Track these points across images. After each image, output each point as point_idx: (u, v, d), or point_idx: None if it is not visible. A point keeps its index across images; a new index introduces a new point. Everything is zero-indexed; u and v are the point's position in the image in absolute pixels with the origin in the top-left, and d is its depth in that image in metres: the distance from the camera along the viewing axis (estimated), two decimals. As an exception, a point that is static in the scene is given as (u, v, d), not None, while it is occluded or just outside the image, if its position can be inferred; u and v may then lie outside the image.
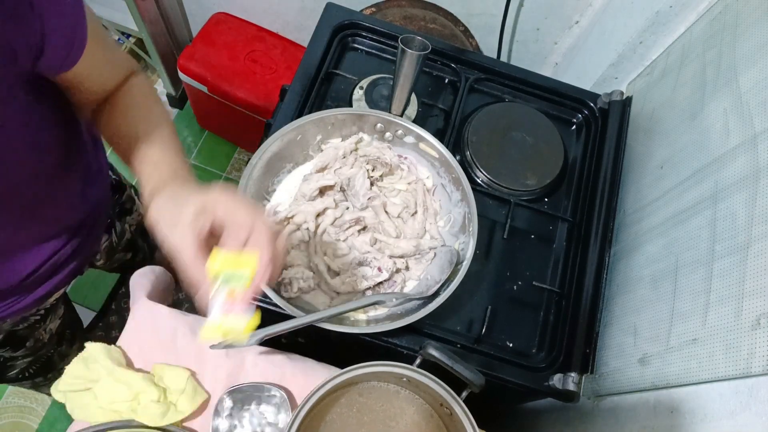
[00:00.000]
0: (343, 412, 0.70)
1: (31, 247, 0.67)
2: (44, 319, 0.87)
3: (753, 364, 0.55)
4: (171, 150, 0.61)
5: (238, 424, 0.72)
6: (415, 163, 0.90)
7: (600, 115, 1.02)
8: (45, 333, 0.90)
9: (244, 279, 0.48)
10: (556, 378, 0.79)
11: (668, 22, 0.98)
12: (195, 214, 0.48)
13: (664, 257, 0.77)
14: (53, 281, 0.74)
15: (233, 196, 0.49)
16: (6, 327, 0.79)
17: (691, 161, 0.78)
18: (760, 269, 0.59)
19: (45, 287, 0.74)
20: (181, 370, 0.72)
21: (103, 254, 0.96)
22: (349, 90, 0.97)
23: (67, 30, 0.52)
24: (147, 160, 0.59)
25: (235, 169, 1.84)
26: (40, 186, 0.62)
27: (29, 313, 0.81)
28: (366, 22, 1.02)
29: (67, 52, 0.53)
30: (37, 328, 0.87)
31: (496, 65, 1.04)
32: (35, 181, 0.61)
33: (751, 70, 0.71)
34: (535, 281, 0.88)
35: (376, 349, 0.81)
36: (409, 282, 0.82)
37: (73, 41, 0.53)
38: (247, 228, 0.48)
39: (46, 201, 0.65)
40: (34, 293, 0.73)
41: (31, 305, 0.74)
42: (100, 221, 0.82)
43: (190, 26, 1.82)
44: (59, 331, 0.95)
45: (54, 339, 0.94)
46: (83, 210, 0.72)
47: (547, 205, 0.96)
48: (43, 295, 0.74)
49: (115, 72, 0.65)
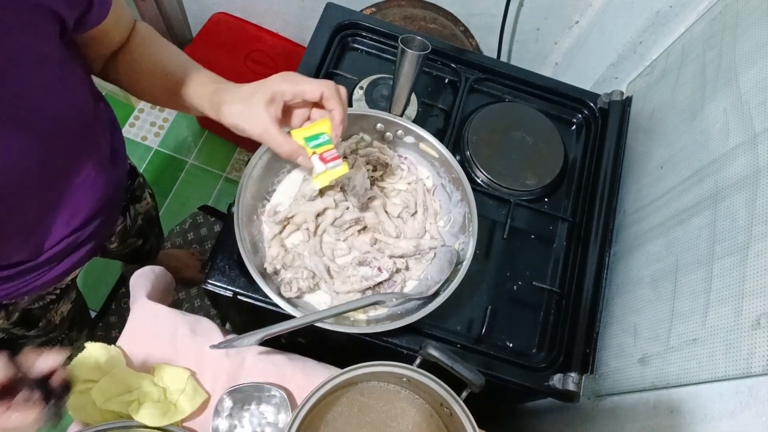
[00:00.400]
0: (343, 412, 0.70)
1: (57, 223, 0.69)
2: (59, 300, 0.89)
3: (753, 364, 0.55)
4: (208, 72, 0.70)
5: (238, 424, 0.72)
6: (415, 163, 0.90)
7: (600, 115, 1.02)
8: (56, 315, 0.92)
9: (326, 139, 0.64)
10: (556, 378, 0.79)
11: (668, 22, 0.98)
12: (266, 104, 0.60)
13: (664, 257, 0.77)
14: (73, 258, 0.76)
15: (293, 79, 0.62)
16: (23, 305, 0.81)
17: (691, 161, 0.78)
18: (760, 269, 0.59)
19: (64, 264, 0.75)
20: (181, 370, 0.72)
21: (117, 237, 0.99)
22: (349, 90, 0.97)
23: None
24: (197, 81, 0.67)
25: (235, 169, 1.84)
26: (70, 157, 0.65)
27: (46, 291, 0.83)
28: (366, 22, 1.02)
29: (106, 4, 0.59)
30: (50, 309, 0.89)
31: (496, 65, 1.04)
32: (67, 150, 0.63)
33: (751, 70, 0.71)
34: (535, 281, 0.88)
35: (376, 349, 0.81)
36: (409, 282, 0.82)
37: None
38: (317, 95, 0.62)
39: (75, 176, 0.67)
40: (55, 269, 0.74)
41: (50, 282, 0.76)
42: (118, 202, 0.84)
43: (190, 26, 1.82)
44: (70, 316, 0.97)
45: (65, 324, 0.97)
46: (105, 189, 0.75)
47: (547, 205, 0.96)
48: (62, 272, 0.76)
49: (129, 20, 0.70)
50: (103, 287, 1.63)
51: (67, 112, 0.60)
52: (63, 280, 0.84)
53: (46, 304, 0.87)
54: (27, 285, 0.72)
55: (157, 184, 1.78)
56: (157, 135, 1.85)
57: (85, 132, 0.66)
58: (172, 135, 1.86)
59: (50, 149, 0.60)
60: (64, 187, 0.66)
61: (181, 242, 1.72)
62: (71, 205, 0.69)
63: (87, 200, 0.71)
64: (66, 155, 0.64)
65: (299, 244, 0.82)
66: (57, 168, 0.63)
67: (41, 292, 0.81)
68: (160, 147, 1.84)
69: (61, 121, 0.60)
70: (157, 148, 1.83)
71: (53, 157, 0.61)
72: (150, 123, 1.86)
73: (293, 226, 0.82)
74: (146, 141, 1.83)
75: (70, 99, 0.61)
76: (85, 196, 0.70)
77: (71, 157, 0.65)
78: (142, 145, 1.82)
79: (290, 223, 0.82)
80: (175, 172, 1.81)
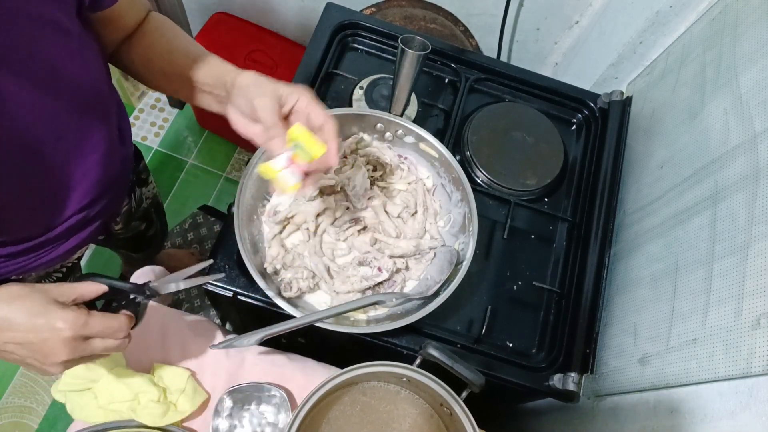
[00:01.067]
0: (343, 413, 0.70)
1: (69, 198, 0.70)
2: (65, 278, 0.89)
3: (753, 364, 0.55)
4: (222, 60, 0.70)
5: (238, 424, 0.72)
6: (415, 163, 0.90)
7: (600, 115, 1.02)
8: None
9: (310, 155, 0.60)
10: (556, 378, 0.79)
11: (668, 22, 0.98)
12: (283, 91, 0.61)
13: (664, 257, 0.77)
14: (81, 235, 0.77)
15: (314, 96, 0.62)
16: (30, 281, 0.81)
17: (691, 161, 0.78)
18: (760, 269, 0.59)
19: (72, 241, 0.76)
20: (181, 370, 0.72)
21: (122, 218, 0.99)
22: (349, 90, 0.97)
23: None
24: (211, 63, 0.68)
25: (235, 169, 1.84)
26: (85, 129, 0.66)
27: (53, 268, 0.83)
28: (366, 22, 1.02)
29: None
30: None
31: (496, 65, 1.04)
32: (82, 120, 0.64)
33: (751, 70, 0.71)
34: (535, 281, 0.88)
35: (376, 349, 0.81)
36: (409, 282, 0.82)
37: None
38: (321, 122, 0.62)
39: (89, 151, 0.68)
40: (63, 246, 0.75)
41: (57, 259, 0.76)
42: (125, 181, 0.85)
43: (190, 26, 1.82)
44: None
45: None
46: (115, 166, 0.76)
47: (547, 205, 0.96)
48: (70, 249, 0.76)
49: (144, 5, 0.71)
50: (103, 286, 1.63)
51: (85, 81, 0.62)
52: (70, 258, 0.84)
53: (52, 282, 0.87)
54: (35, 261, 0.73)
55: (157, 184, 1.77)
56: (157, 135, 1.85)
57: (99, 105, 0.67)
58: (172, 135, 1.86)
59: (66, 117, 0.61)
60: (77, 164, 0.67)
61: (181, 242, 1.72)
62: (84, 182, 0.70)
63: (98, 177, 0.72)
64: (81, 127, 0.65)
65: (299, 244, 0.82)
66: (71, 142, 0.64)
67: (48, 269, 0.82)
68: (160, 147, 1.84)
69: (78, 87, 0.61)
70: (157, 148, 1.83)
71: (68, 126, 0.62)
72: (150, 123, 1.86)
73: (293, 226, 0.82)
74: (146, 141, 1.83)
75: (88, 69, 0.62)
76: (96, 173, 0.71)
77: (86, 130, 0.66)
78: (142, 145, 1.82)
79: (290, 223, 0.82)
80: (175, 172, 1.81)
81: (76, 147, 0.66)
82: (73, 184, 0.69)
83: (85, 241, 0.79)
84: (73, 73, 0.59)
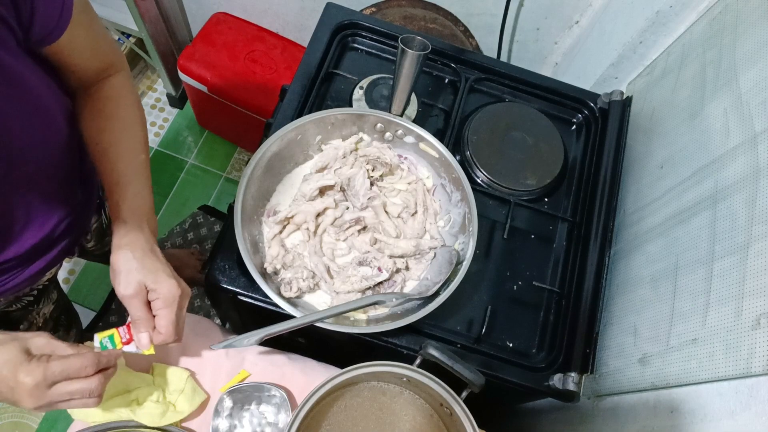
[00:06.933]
0: (343, 413, 0.70)
1: (34, 221, 0.68)
2: (37, 301, 0.88)
3: (753, 364, 0.55)
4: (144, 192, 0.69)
5: (238, 424, 0.72)
6: (415, 163, 0.90)
7: (600, 115, 1.02)
8: (39, 317, 0.91)
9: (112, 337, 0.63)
10: (556, 378, 0.79)
11: (668, 22, 0.98)
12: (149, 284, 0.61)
13: (664, 257, 0.77)
14: (47, 258, 0.75)
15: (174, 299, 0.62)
16: (0, 308, 0.80)
17: (691, 161, 0.78)
18: (760, 269, 0.59)
19: (39, 264, 0.74)
20: (181, 371, 0.72)
21: (93, 235, 0.96)
22: (349, 90, 0.97)
23: (56, 4, 0.56)
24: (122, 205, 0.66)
25: (235, 169, 1.84)
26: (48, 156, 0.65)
27: (22, 292, 0.82)
28: (366, 22, 1.02)
29: (55, 22, 0.57)
30: (31, 310, 0.88)
31: (496, 65, 1.04)
32: (44, 149, 0.63)
33: (751, 70, 0.71)
34: (535, 281, 0.88)
35: (376, 349, 0.81)
36: (409, 282, 0.82)
37: (61, 14, 0.57)
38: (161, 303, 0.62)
39: (51, 172, 0.67)
40: (29, 269, 0.73)
41: (25, 282, 0.75)
42: (91, 198, 0.83)
43: (190, 26, 1.82)
44: (54, 315, 0.96)
45: (49, 324, 0.95)
46: (79, 185, 0.74)
47: (547, 205, 0.96)
48: (38, 271, 0.75)
49: (109, 53, 0.68)
50: (103, 287, 1.63)
51: (34, 150, 0.60)
52: (39, 280, 0.82)
53: (24, 306, 0.85)
54: (2, 285, 0.71)
55: (157, 184, 1.78)
56: (157, 135, 1.85)
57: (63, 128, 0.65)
58: (172, 135, 1.86)
59: (10, 190, 0.60)
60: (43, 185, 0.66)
61: (181, 242, 1.72)
62: (47, 201, 0.68)
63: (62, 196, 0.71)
64: (29, 199, 0.64)
65: (299, 244, 0.82)
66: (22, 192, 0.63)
67: (17, 293, 0.80)
68: (160, 147, 1.84)
69: (26, 160, 0.60)
70: (157, 148, 1.84)
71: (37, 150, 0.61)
72: (150, 123, 1.86)
73: (293, 226, 0.82)
74: (146, 141, 1.83)
75: (38, 133, 0.60)
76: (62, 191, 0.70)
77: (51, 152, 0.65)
78: (142, 145, 1.82)
79: (290, 223, 0.82)
80: (175, 172, 1.81)
81: (38, 176, 0.64)
82: (34, 211, 0.67)
83: (52, 263, 0.77)
84: (21, 139, 0.57)
